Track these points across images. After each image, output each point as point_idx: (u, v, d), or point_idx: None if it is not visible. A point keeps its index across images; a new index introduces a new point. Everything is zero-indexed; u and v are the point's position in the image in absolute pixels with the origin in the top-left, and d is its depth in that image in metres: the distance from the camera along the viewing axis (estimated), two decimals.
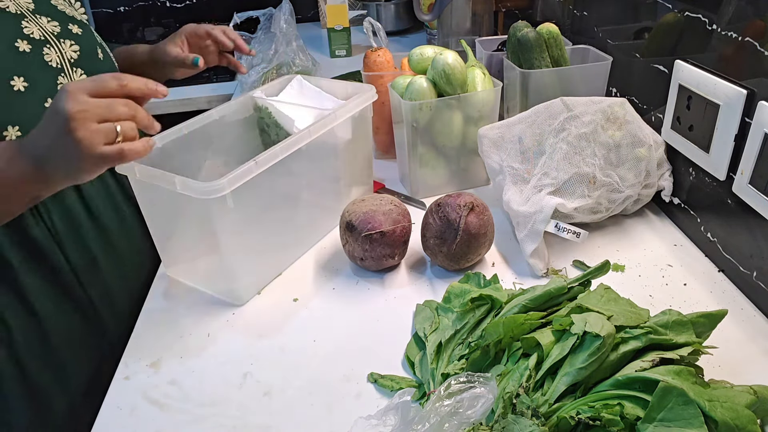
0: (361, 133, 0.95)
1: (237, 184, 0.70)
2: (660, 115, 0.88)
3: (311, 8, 2.14)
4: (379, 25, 1.21)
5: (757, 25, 0.67)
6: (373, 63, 1.10)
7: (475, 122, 0.96)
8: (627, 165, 0.85)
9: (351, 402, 0.64)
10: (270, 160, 0.75)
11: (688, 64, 0.78)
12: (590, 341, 0.55)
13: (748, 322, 0.71)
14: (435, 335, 0.67)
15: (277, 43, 1.44)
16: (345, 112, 0.87)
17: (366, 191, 1.02)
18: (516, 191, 0.85)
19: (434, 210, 0.79)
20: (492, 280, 0.77)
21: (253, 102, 0.96)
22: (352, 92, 0.95)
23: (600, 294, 0.63)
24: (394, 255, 0.81)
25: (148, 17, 2.06)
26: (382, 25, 1.24)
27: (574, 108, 0.85)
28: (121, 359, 0.72)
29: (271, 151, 0.75)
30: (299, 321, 0.76)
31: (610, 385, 0.54)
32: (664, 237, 0.87)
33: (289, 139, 0.78)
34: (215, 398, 0.66)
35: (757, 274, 0.72)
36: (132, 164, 0.73)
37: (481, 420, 0.50)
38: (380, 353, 0.70)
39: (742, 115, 0.69)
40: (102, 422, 0.64)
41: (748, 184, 0.69)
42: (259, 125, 0.98)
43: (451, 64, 0.90)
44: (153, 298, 0.82)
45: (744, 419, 0.50)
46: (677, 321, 0.58)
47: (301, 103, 0.94)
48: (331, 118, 0.84)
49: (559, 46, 1.01)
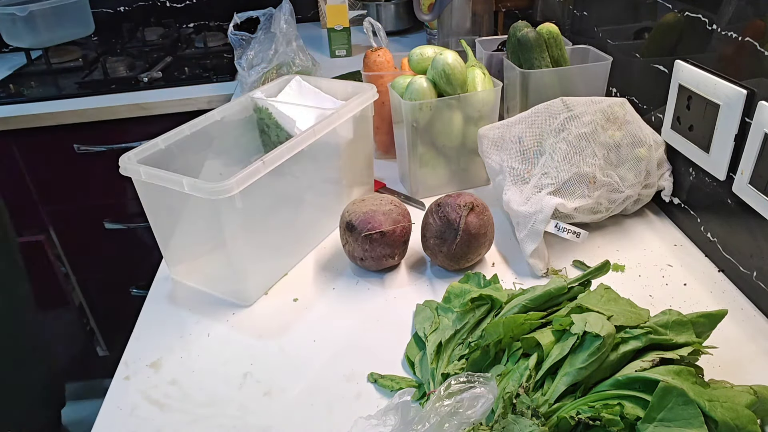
0: (362, 133, 0.95)
1: (245, 184, 0.70)
2: (660, 115, 0.88)
3: (311, 8, 2.14)
4: (379, 25, 1.21)
5: (757, 25, 0.67)
6: (373, 63, 1.10)
7: (475, 122, 0.96)
8: (627, 165, 0.85)
9: (351, 402, 0.64)
10: (277, 160, 0.75)
11: (688, 64, 0.78)
12: (590, 341, 0.55)
13: (748, 322, 0.71)
14: (435, 335, 0.67)
15: (277, 43, 1.44)
16: (347, 112, 0.87)
17: (367, 191, 1.02)
18: (516, 191, 0.85)
19: (434, 210, 0.79)
20: (492, 280, 0.77)
21: (253, 103, 0.96)
22: (353, 92, 0.95)
23: (600, 294, 0.63)
24: (394, 255, 0.81)
25: (148, 17, 2.06)
26: (382, 25, 1.24)
27: (574, 108, 0.85)
28: (121, 359, 0.72)
29: (278, 151, 0.75)
30: (299, 321, 0.76)
31: (610, 385, 0.54)
32: (664, 237, 0.87)
33: (294, 139, 0.78)
34: (215, 398, 0.66)
35: (757, 274, 0.72)
36: (138, 166, 0.73)
37: (481, 420, 0.50)
38: (380, 353, 0.70)
39: (742, 115, 0.69)
40: (102, 422, 0.64)
41: (748, 184, 0.69)
42: (259, 126, 0.98)
43: (451, 64, 0.90)
44: (153, 298, 0.82)
45: (744, 419, 0.50)
46: (677, 321, 0.58)
47: (300, 104, 0.94)
48: (333, 118, 0.84)
49: (559, 46, 1.01)
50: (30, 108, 1.52)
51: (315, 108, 0.94)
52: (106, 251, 1.74)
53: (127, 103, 1.53)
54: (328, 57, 1.79)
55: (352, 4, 1.98)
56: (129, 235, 1.70)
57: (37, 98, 1.57)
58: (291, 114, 0.92)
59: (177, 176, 0.70)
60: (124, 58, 1.76)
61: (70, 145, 1.55)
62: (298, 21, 2.05)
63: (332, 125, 0.84)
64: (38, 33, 1.69)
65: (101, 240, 1.71)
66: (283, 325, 0.76)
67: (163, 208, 0.79)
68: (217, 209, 0.70)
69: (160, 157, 0.79)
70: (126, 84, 1.62)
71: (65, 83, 1.66)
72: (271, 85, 0.99)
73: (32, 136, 1.53)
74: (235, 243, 0.75)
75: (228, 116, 0.92)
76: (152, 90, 1.60)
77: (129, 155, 0.76)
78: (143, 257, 1.75)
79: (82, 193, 1.64)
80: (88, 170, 1.60)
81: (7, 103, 1.55)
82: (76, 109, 1.51)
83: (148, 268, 1.87)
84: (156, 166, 0.73)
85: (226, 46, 1.85)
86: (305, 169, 0.84)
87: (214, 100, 1.56)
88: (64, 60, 1.81)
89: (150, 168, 0.72)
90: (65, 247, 1.73)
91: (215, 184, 0.68)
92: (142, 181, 0.74)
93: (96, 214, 1.67)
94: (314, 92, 0.99)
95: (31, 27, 1.67)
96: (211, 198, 0.68)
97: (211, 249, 0.80)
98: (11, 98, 1.57)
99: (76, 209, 1.67)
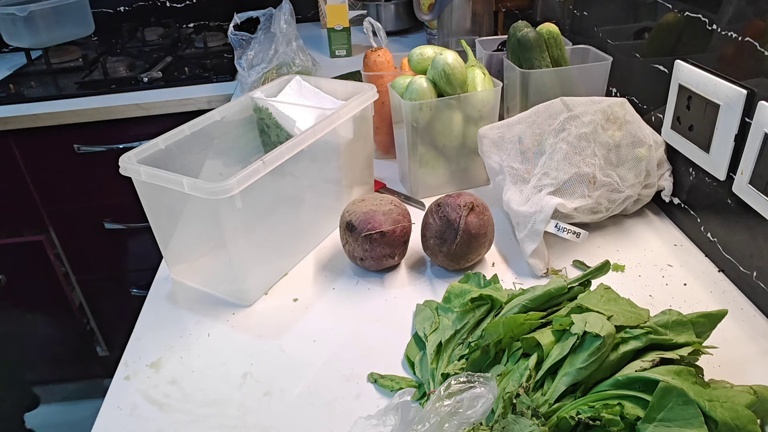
0: (363, 133, 0.95)
1: (245, 184, 0.70)
2: (660, 115, 0.88)
3: (311, 8, 2.14)
4: (379, 25, 1.21)
5: (757, 25, 0.67)
6: (373, 63, 1.10)
7: (475, 122, 0.96)
8: (627, 165, 0.85)
9: (351, 402, 0.64)
10: (277, 160, 0.75)
11: (688, 64, 0.78)
12: (590, 341, 0.55)
13: (748, 322, 0.71)
14: (435, 335, 0.67)
15: (277, 43, 1.44)
16: (347, 112, 0.87)
17: (367, 191, 1.02)
18: (516, 191, 0.85)
19: (434, 210, 0.79)
20: (492, 280, 0.77)
21: (253, 103, 0.96)
22: (353, 92, 0.95)
23: (600, 294, 0.63)
24: (394, 255, 0.81)
25: (148, 17, 2.06)
26: (382, 25, 1.24)
27: (574, 108, 0.85)
28: (121, 359, 0.72)
29: (278, 151, 0.75)
30: (299, 321, 0.76)
31: (610, 385, 0.54)
32: (664, 237, 0.87)
33: (295, 139, 0.78)
34: (215, 398, 0.66)
35: (757, 274, 0.72)
36: (138, 166, 0.73)
37: (481, 420, 0.50)
38: (380, 353, 0.70)
39: (742, 115, 0.69)
40: (102, 422, 0.64)
41: (748, 184, 0.69)
42: (259, 126, 0.98)
43: (451, 64, 0.90)
44: (153, 298, 0.82)
45: (744, 419, 0.50)
46: (677, 321, 0.58)
47: (300, 104, 0.94)
48: (333, 118, 0.84)
49: (559, 46, 1.01)
50: (30, 108, 1.52)
51: (315, 108, 0.94)
52: (106, 251, 1.75)
53: (127, 103, 1.53)
54: (328, 57, 1.79)
55: (352, 4, 1.98)
56: (129, 235, 1.70)
57: (37, 98, 1.57)
58: (291, 114, 0.91)
59: (177, 176, 0.70)
60: (124, 58, 1.77)
61: (70, 145, 1.55)
62: (298, 21, 2.05)
63: (332, 125, 0.84)
64: (38, 33, 1.69)
65: (101, 240, 1.71)
66: (283, 325, 0.76)
67: (163, 208, 0.79)
68: (216, 209, 0.70)
69: (160, 157, 0.79)
70: (126, 84, 1.62)
71: (65, 83, 1.66)
72: (271, 85, 0.99)
73: (32, 136, 1.53)
74: (235, 243, 0.75)
75: (228, 116, 0.92)
76: (152, 90, 1.60)
77: (129, 155, 0.76)
78: (143, 257, 1.76)
79: (82, 193, 1.64)
80: (88, 170, 1.60)
81: (7, 103, 1.55)
82: (76, 109, 1.51)
83: (148, 268, 1.88)
84: (156, 166, 0.73)
85: (226, 46, 1.85)
86: (305, 169, 0.84)
87: (214, 100, 1.56)
88: (64, 60, 1.81)
89: (150, 168, 0.72)
90: (65, 247, 1.73)
91: (215, 184, 0.68)
92: (142, 181, 0.74)
93: (96, 214, 1.67)
94: (314, 92, 0.99)
95: (31, 27, 1.67)
96: (211, 198, 0.68)
97: (211, 249, 0.80)
98: (11, 98, 1.58)
99: (76, 209, 1.67)
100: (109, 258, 1.76)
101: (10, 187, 1.60)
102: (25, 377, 1.22)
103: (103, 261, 1.77)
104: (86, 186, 1.63)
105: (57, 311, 1.77)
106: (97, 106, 1.51)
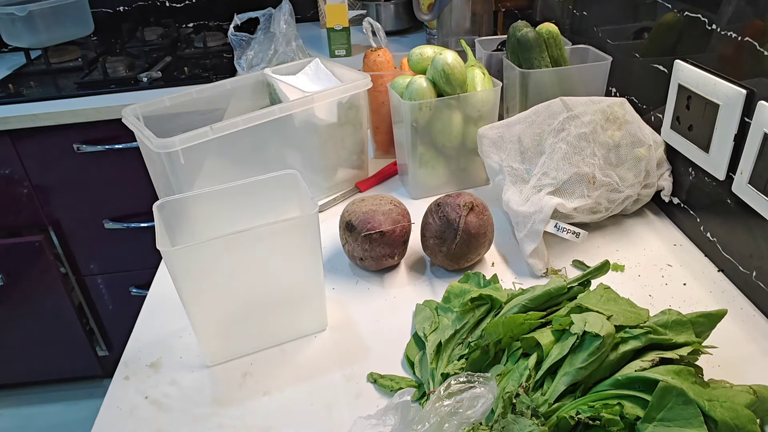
0: (351, 119, 0.99)
1: (188, 143, 0.80)
2: (660, 115, 0.88)
3: (311, 8, 2.14)
4: (378, 25, 1.21)
5: (757, 25, 0.67)
6: (372, 63, 1.10)
7: (474, 122, 0.96)
8: (627, 165, 0.85)
9: (351, 402, 0.64)
10: (226, 129, 0.83)
11: (688, 64, 0.78)
12: (590, 341, 0.55)
13: (747, 322, 0.71)
14: (435, 335, 0.67)
15: (277, 43, 1.44)
16: (325, 96, 0.94)
17: (357, 175, 1.06)
18: (515, 191, 0.85)
19: (434, 210, 0.79)
20: (492, 280, 0.77)
21: (264, 78, 1.05)
22: (355, 79, 0.99)
23: (600, 294, 0.63)
24: (394, 255, 0.81)
25: (148, 17, 2.05)
26: (382, 25, 1.24)
27: (574, 108, 0.85)
28: (121, 359, 0.72)
29: (231, 121, 0.84)
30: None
31: (609, 385, 0.54)
32: (664, 237, 0.87)
33: (254, 113, 0.85)
34: (215, 398, 0.66)
35: (757, 273, 0.72)
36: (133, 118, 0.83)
37: (481, 420, 0.50)
38: (380, 353, 0.70)
39: (741, 115, 0.70)
40: (102, 422, 0.64)
41: (748, 184, 0.69)
42: (270, 100, 1.06)
43: (450, 63, 0.90)
44: (153, 298, 0.82)
45: (744, 419, 0.50)
46: (677, 321, 0.58)
47: (306, 85, 1.00)
48: (307, 101, 0.92)
49: (559, 46, 1.01)
50: (30, 108, 1.52)
51: (314, 89, 0.98)
52: (106, 251, 1.74)
53: (126, 103, 1.53)
54: (328, 57, 1.79)
55: (351, 4, 1.98)
56: (129, 235, 1.70)
57: (36, 98, 1.57)
58: (289, 93, 0.97)
59: (147, 131, 0.79)
60: (123, 58, 1.76)
61: (70, 145, 1.55)
62: (298, 21, 2.05)
63: (305, 106, 0.92)
64: (37, 33, 1.69)
65: (101, 240, 1.71)
66: None
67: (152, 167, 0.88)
68: (163, 163, 0.79)
69: (164, 114, 0.90)
70: (125, 84, 1.61)
71: (65, 83, 1.66)
72: (292, 65, 1.07)
73: (32, 136, 1.53)
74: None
75: (239, 87, 1.00)
76: (152, 90, 1.60)
77: (135, 107, 0.85)
78: (143, 257, 1.75)
79: (82, 193, 1.64)
80: (87, 170, 1.60)
81: (7, 103, 1.55)
82: (76, 109, 1.50)
83: (148, 268, 1.88)
84: (159, 122, 0.83)
85: (226, 46, 1.85)
86: (276, 143, 0.91)
87: None
88: (63, 60, 1.81)
89: (138, 121, 0.82)
90: (65, 247, 1.73)
91: (163, 140, 0.78)
92: (139, 139, 0.83)
93: (96, 214, 1.67)
94: (327, 75, 1.04)
95: (31, 27, 1.67)
96: (156, 150, 0.77)
97: None
98: (11, 98, 1.57)
99: (76, 209, 1.67)
100: (109, 258, 1.76)
101: (10, 187, 1.60)
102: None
103: (102, 261, 1.77)
104: (86, 186, 1.63)
105: (57, 311, 1.77)
106: (96, 106, 1.51)
